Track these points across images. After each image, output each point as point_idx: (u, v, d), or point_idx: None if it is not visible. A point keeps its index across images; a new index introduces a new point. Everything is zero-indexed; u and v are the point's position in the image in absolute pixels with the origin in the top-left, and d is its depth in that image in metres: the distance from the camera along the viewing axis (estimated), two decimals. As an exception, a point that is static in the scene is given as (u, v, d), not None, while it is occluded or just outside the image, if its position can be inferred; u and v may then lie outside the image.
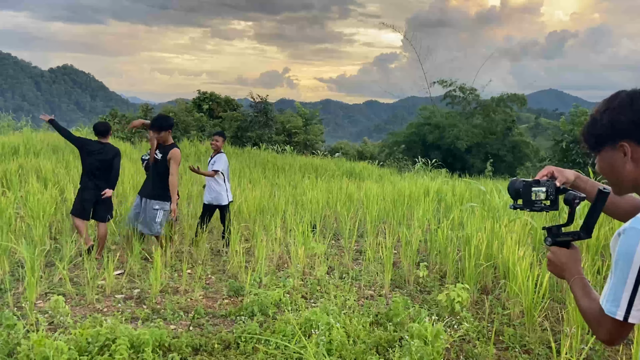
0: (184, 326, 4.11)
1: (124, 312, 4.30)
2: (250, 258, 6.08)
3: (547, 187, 1.68)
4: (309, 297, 4.94)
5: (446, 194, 10.01)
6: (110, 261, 4.91)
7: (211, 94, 29.87)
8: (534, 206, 1.68)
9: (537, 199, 1.67)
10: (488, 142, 26.81)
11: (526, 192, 1.68)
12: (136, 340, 3.31)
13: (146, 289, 4.94)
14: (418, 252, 6.25)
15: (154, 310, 4.43)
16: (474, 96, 28.73)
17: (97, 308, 4.44)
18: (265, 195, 9.34)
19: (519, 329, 4.19)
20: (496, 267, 5.46)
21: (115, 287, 4.93)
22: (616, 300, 1.29)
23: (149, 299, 4.69)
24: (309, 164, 17.69)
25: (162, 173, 5.76)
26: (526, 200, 1.68)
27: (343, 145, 34.80)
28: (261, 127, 27.57)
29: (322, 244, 6.22)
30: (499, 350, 3.91)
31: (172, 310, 4.38)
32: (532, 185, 1.68)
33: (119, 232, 6.75)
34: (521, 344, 3.94)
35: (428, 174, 16.90)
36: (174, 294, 4.89)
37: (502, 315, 4.46)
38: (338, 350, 3.47)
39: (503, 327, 4.23)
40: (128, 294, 4.85)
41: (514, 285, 4.49)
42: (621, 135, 1.40)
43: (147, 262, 5.72)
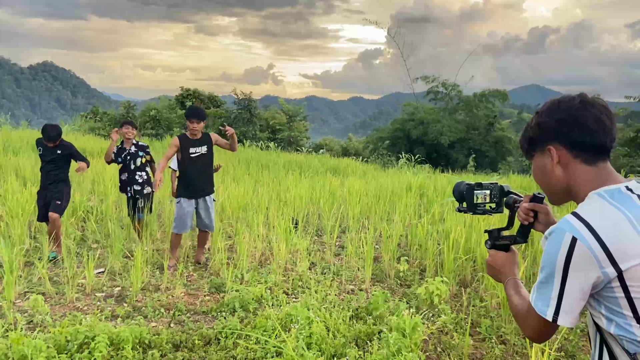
0: (165, 323, 4.12)
1: (104, 310, 4.29)
2: (233, 255, 6.10)
3: (490, 190, 1.69)
4: (291, 293, 4.98)
5: (428, 189, 10.12)
6: (90, 260, 4.89)
7: (194, 91, 29.67)
8: (476, 209, 1.70)
9: (480, 202, 1.68)
10: (471, 138, 27.09)
11: (469, 195, 1.69)
12: (116, 338, 3.31)
13: (127, 287, 4.94)
14: (399, 247, 6.33)
15: (134, 308, 4.43)
16: (456, 92, 28.99)
17: (77, 306, 4.42)
18: (249, 193, 9.35)
19: (495, 320, 4.28)
20: (475, 260, 5.56)
21: (95, 285, 4.91)
22: (545, 300, 1.27)
23: (129, 296, 4.68)
24: (293, 161, 17.71)
25: (210, 164, 5.77)
26: (469, 203, 1.69)
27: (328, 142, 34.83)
28: (245, 124, 27.50)
29: (304, 240, 6.26)
30: (476, 341, 4.00)
31: (152, 308, 4.38)
32: (474, 188, 1.69)
33: (99, 231, 6.71)
34: (498, 334, 4.03)
35: (411, 169, 17.03)
36: (155, 292, 4.89)
37: (479, 307, 4.56)
38: (318, 344, 3.52)
39: (480, 318, 4.32)
40: (109, 292, 4.84)
41: (491, 278, 4.58)
42: (549, 139, 1.36)
43: (128, 259, 5.70)
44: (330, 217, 7.35)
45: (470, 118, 27.70)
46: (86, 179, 9.67)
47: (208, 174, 5.75)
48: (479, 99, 28.02)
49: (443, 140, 26.27)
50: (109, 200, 8.37)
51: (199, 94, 29.55)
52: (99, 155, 15.75)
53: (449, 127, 26.59)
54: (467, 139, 26.99)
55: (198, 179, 5.65)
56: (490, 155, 26.77)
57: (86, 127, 24.94)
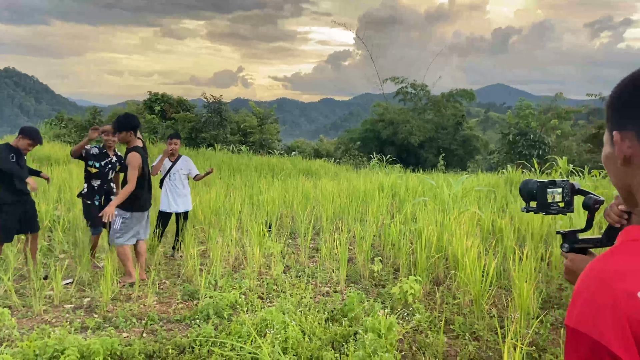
0: (137, 333, 4.03)
1: (73, 322, 4.17)
2: (206, 260, 6.02)
3: (563, 188, 1.57)
4: (265, 297, 4.95)
5: (400, 189, 10.22)
6: (57, 270, 4.75)
7: (163, 95, 29.23)
8: (550, 209, 1.56)
9: (554, 201, 1.56)
10: (440, 137, 27.53)
11: (542, 194, 1.56)
12: (86, 350, 3.22)
13: (97, 298, 4.81)
14: (372, 247, 6.37)
15: (105, 319, 4.32)
16: (425, 92, 29.42)
17: (45, 319, 4.29)
18: (221, 197, 9.25)
19: (468, 317, 4.35)
20: (447, 259, 5.64)
21: (64, 297, 4.77)
22: None
23: (99, 307, 4.57)
24: (265, 164, 17.63)
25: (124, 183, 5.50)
26: (541, 202, 1.56)
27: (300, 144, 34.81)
28: (215, 128, 27.21)
29: (278, 243, 6.23)
30: (450, 338, 4.05)
31: (124, 318, 4.28)
32: (547, 186, 1.56)
33: (67, 241, 6.53)
34: (471, 331, 4.10)
35: (383, 169, 17.17)
36: (126, 301, 4.78)
37: (452, 304, 4.62)
38: (294, 348, 3.50)
39: (454, 316, 4.38)
40: (78, 304, 4.71)
41: (463, 275, 4.66)
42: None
43: (98, 269, 5.56)
44: (303, 220, 7.35)
45: (439, 118, 28.16)
46: (52, 187, 9.39)
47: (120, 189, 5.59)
48: (446, 99, 28.52)
49: (413, 140, 26.61)
50: (76, 209, 8.15)
51: (167, 98, 29.11)
52: (65, 163, 15.34)
53: (418, 127, 26.96)
54: (436, 139, 27.42)
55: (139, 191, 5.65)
56: (459, 154, 27.25)
57: (51, 134, 24.25)
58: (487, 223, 6.49)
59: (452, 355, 3.78)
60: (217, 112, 27.64)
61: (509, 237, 5.86)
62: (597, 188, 8.75)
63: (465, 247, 4.88)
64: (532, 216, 6.54)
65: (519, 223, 6.69)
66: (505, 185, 10.57)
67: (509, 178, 11.40)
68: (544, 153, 22.56)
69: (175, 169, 6.53)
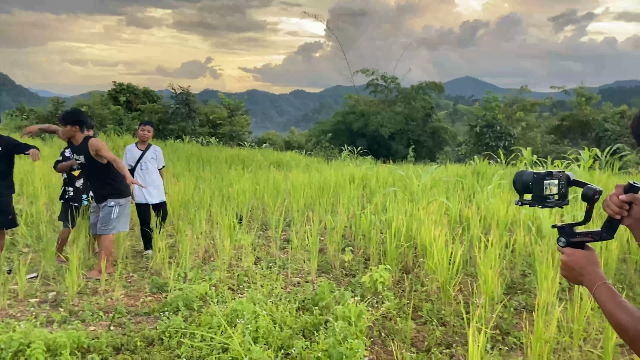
0: (104, 327, 3.97)
1: (38, 316, 4.08)
2: (175, 253, 5.96)
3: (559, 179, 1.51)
4: (236, 289, 4.94)
5: (370, 180, 10.31)
6: (21, 264, 4.62)
7: (128, 86, 28.61)
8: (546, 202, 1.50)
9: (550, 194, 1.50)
10: (410, 129, 27.86)
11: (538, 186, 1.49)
12: (52, 344, 3.16)
13: (62, 292, 4.71)
14: (343, 238, 6.42)
15: (71, 313, 4.23)
16: (395, 85, 29.67)
17: (10, 313, 4.17)
18: (190, 189, 9.15)
19: (436, 303, 4.45)
20: (416, 247, 5.74)
21: (28, 291, 4.66)
22: None
23: (65, 301, 4.47)
24: (235, 156, 17.49)
25: (97, 175, 5.33)
26: (537, 195, 1.50)
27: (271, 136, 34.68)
28: (184, 119, 26.82)
29: (249, 235, 6.22)
30: (418, 324, 4.14)
31: (90, 312, 4.21)
32: (544, 177, 1.49)
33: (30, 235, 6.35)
34: (438, 317, 4.20)
35: (354, 161, 17.28)
36: (92, 295, 4.70)
37: (420, 292, 4.72)
38: (265, 337, 3.52)
39: (422, 303, 4.48)
40: (43, 298, 4.60)
41: (431, 263, 4.76)
42: None
43: (63, 263, 5.44)
44: (274, 211, 7.34)
45: (409, 110, 28.48)
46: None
47: (95, 183, 5.44)
48: (416, 91, 28.85)
49: (383, 132, 26.85)
50: (39, 202, 7.93)
51: (133, 88, 28.51)
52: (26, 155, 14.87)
53: (388, 119, 27.22)
54: (406, 130, 27.75)
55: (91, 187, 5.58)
56: (428, 145, 27.65)
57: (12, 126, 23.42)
58: (454, 212, 6.63)
59: (420, 341, 3.87)
60: (185, 103, 27.25)
61: (475, 225, 6.00)
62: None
63: (433, 235, 4.98)
64: (498, 205, 6.71)
65: (485, 212, 6.85)
66: (473, 176, 10.79)
67: (476, 169, 11.64)
68: (510, 144, 23.11)
69: (145, 158, 6.37)
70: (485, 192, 7.92)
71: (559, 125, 27.10)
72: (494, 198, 7.51)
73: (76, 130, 5.23)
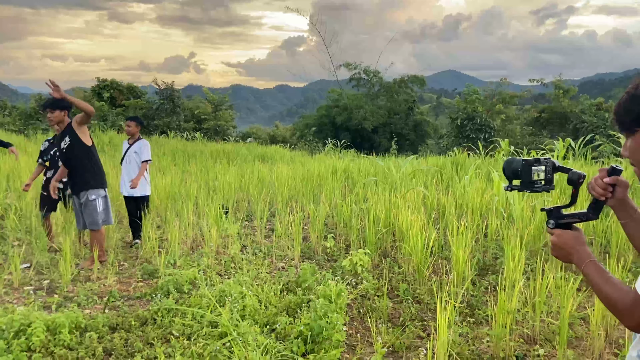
0: (99, 309, 4.20)
1: (35, 301, 4.28)
2: (163, 243, 6.18)
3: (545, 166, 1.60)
4: (224, 274, 5.18)
5: (353, 171, 10.60)
6: (15, 255, 4.81)
7: (112, 81, 28.48)
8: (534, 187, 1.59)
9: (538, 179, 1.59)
10: (392, 122, 28.22)
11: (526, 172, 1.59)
12: (51, 324, 3.38)
13: (56, 280, 4.91)
14: (326, 226, 6.70)
15: (66, 298, 4.45)
16: (378, 78, 29.97)
17: (6, 300, 4.37)
18: (176, 182, 9.33)
19: (412, 283, 4.75)
20: (394, 233, 6.04)
21: (23, 279, 4.85)
22: None
23: (60, 288, 4.68)
24: (220, 150, 17.64)
25: (78, 159, 5.29)
26: (526, 180, 1.60)
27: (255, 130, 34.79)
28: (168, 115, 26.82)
29: (235, 225, 6.46)
30: (394, 303, 4.43)
31: (85, 296, 4.43)
32: (532, 164, 1.58)
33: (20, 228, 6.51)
34: (413, 296, 4.50)
35: (338, 154, 17.56)
36: (85, 282, 4.91)
37: (397, 273, 5.02)
38: (251, 315, 3.78)
39: (398, 283, 4.77)
40: (37, 286, 4.80)
41: (407, 246, 5.06)
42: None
43: (54, 254, 5.62)
44: (259, 202, 7.58)
45: (392, 103, 28.83)
46: (0, 176, 9.20)
47: (75, 169, 5.35)
48: (398, 85, 29.19)
49: (367, 125, 27.16)
50: (28, 196, 8.06)
51: (117, 84, 28.40)
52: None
53: (371, 113, 27.53)
54: (389, 124, 28.10)
55: (70, 175, 5.43)
56: (410, 138, 28.04)
57: (-7, 123, 23.24)
58: (431, 200, 6.95)
59: (396, 317, 4.16)
60: (170, 98, 27.23)
61: (450, 212, 6.32)
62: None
63: (410, 221, 5.27)
64: (472, 193, 7.03)
65: (460, 200, 7.17)
66: (452, 167, 11.14)
67: (455, 160, 11.99)
68: (490, 136, 23.62)
69: (129, 152, 6.59)
70: (462, 181, 8.25)
71: (538, 117, 27.70)
72: (470, 187, 7.84)
73: (65, 115, 5.37)
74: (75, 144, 5.28)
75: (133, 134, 6.64)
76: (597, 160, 13.09)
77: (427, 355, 3.14)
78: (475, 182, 8.60)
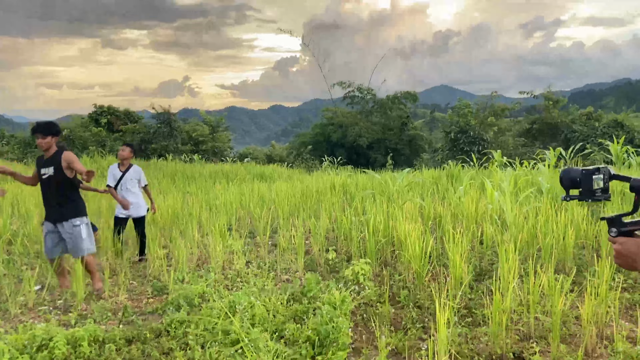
0: (115, 324, 4.38)
1: (50, 320, 4.46)
2: (170, 262, 6.37)
3: (604, 174, 1.57)
4: (231, 287, 5.37)
5: (350, 186, 10.84)
6: (29, 276, 5.00)
7: (109, 107, 28.84)
8: (594, 196, 1.56)
9: (597, 188, 1.55)
10: (387, 138, 28.59)
11: (587, 181, 1.55)
12: (71, 338, 3.57)
13: (69, 299, 5.09)
14: (327, 239, 6.91)
15: (81, 316, 4.63)
16: (371, 95, 30.44)
17: (23, 320, 4.55)
18: (178, 203, 9.54)
19: (412, 290, 4.95)
20: (393, 243, 6.26)
21: (37, 300, 5.03)
22: None
23: (74, 306, 4.86)
24: (219, 171, 17.90)
25: (61, 189, 5.20)
26: (586, 189, 1.56)
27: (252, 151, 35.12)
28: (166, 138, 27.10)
29: (239, 241, 6.66)
30: (396, 309, 4.63)
31: (99, 313, 4.61)
32: (593, 173, 1.55)
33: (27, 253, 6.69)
34: (414, 301, 4.70)
35: (334, 171, 17.82)
36: (98, 300, 5.09)
37: (398, 280, 5.22)
38: (261, 323, 3.97)
39: (399, 290, 4.97)
40: (52, 305, 4.98)
41: (407, 254, 5.27)
42: None
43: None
44: (261, 219, 7.79)
45: (385, 119, 29.25)
46: (5, 202, 9.40)
47: (60, 197, 5.21)
48: (392, 101, 29.66)
49: (362, 142, 27.52)
50: (34, 221, 8.24)
51: (114, 110, 28.75)
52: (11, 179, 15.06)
53: (366, 129, 27.93)
54: (383, 139, 28.47)
55: (49, 201, 5.25)
56: (405, 153, 28.39)
57: (-9, 152, 23.47)
58: (428, 210, 7.18)
59: (398, 322, 4.36)
60: (167, 122, 27.54)
61: (447, 221, 6.55)
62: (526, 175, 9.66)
63: (408, 230, 5.50)
64: (468, 202, 7.27)
65: (456, 209, 7.41)
66: (447, 179, 11.40)
67: (449, 172, 12.27)
68: (484, 148, 23.97)
69: (125, 178, 6.82)
70: (457, 192, 8.50)
71: (529, 129, 28.14)
72: (465, 197, 8.09)
73: (54, 141, 5.20)
74: (59, 177, 5.18)
75: (126, 159, 6.87)
76: (588, 168, 13.39)
77: (429, 355, 3.34)
78: (469, 192, 8.86)
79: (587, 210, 6.55)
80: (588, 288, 3.93)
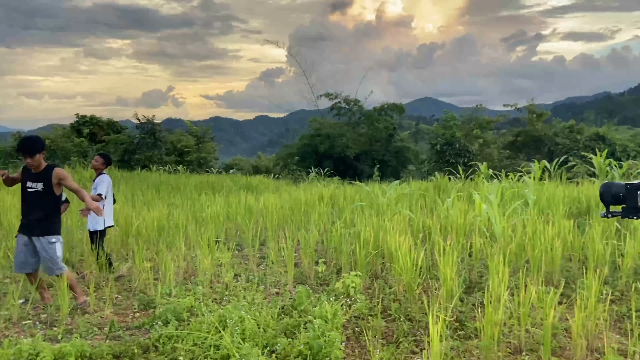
0: (101, 339, 4.28)
1: (35, 335, 4.34)
2: (157, 275, 6.26)
3: None
4: (220, 301, 5.30)
5: (338, 198, 10.84)
6: (14, 290, 4.87)
7: (91, 117, 28.53)
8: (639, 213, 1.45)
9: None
10: (374, 149, 28.73)
11: (632, 197, 1.44)
12: (58, 353, 3.47)
13: (53, 313, 4.97)
14: (316, 251, 6.87)
15: (66, 331, 4.51)
16: (358, 107, 30.62)
17: (7, 335, 4.42)
18: (164, 215, 9.42)
19: (403, 302, 4.94)
20: (383, 256, 6.25)
21: (21, 314, 4.90)
22: None
23: (58, 321, 4.74)
24: (204, 182, 17.76)
25: (45, 206, 5.10)
26: (631, 206, 1.46)
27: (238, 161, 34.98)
28: (150, 149, 26.86)
29: (227, 253, 6.58)
30: (387, 322, 4.61)
31: (85, 328, 4.50)
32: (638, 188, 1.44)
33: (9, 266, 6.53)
34: (405, 314, 4.68)
35: (322, 182, 17.81)
36: (83, 315, 4.98)
37: (389, 293, 5.20)
38: (251, 337, 3.91)
39: (390, 303, 4.96)
40: (37, 319, 4.85)
41: (397, 267, 5.26)
42: None
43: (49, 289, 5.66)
44: (249, 231, 7.73)
45: (372, 131, 29.41)
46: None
47: (41, 213, 5.09)
48: (378, 113, 29.86)
49: (349, 153, 27.61)
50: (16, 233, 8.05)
51: (97, 120, 28.45)
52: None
53: (353, 141, 28.04)
54: (370, 151, 28.61)
55: (30, 215, 5.11)
56: (392, 164, 28.54)
57: (-29, 162, 23.00)
58: (416, 222, 7.20)
59: (390, 335, 4.33)
60: (151, 132, 27.32)
61: (436, 233, 6.56)
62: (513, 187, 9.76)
63: (398, 242, 5.49)
64: (456, 215, 7.31)
65: (445, 221, 7.44)
66: (434, 191, 11.47)
67: (437, 184, 12.35)
68: (469, 160, 24.22)
69: (92, 187, 6.70)
70: (445, 204, 8.54)
71: (513, 141, 28.54)
72: (453, 209, 8.13)
73: (43, 156, 5.09)
74: (46, 194, 5.10)
75: (97, 169, 6.74)
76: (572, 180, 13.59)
77: (422, 367, 3.32)
78: (457, 204, 8.91)
79: (572, 222, 6.62)
80: (577, 300, 3.95)
